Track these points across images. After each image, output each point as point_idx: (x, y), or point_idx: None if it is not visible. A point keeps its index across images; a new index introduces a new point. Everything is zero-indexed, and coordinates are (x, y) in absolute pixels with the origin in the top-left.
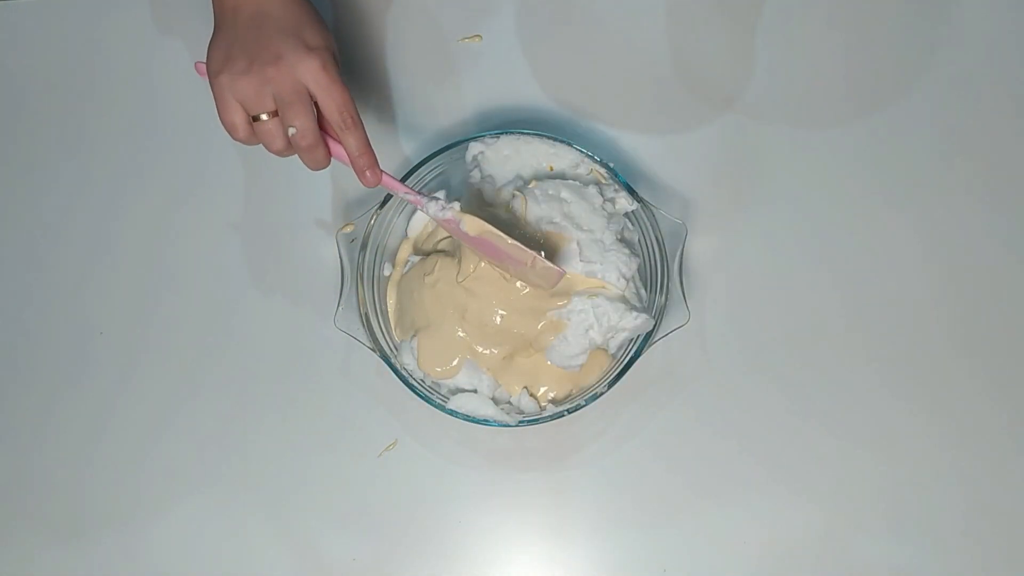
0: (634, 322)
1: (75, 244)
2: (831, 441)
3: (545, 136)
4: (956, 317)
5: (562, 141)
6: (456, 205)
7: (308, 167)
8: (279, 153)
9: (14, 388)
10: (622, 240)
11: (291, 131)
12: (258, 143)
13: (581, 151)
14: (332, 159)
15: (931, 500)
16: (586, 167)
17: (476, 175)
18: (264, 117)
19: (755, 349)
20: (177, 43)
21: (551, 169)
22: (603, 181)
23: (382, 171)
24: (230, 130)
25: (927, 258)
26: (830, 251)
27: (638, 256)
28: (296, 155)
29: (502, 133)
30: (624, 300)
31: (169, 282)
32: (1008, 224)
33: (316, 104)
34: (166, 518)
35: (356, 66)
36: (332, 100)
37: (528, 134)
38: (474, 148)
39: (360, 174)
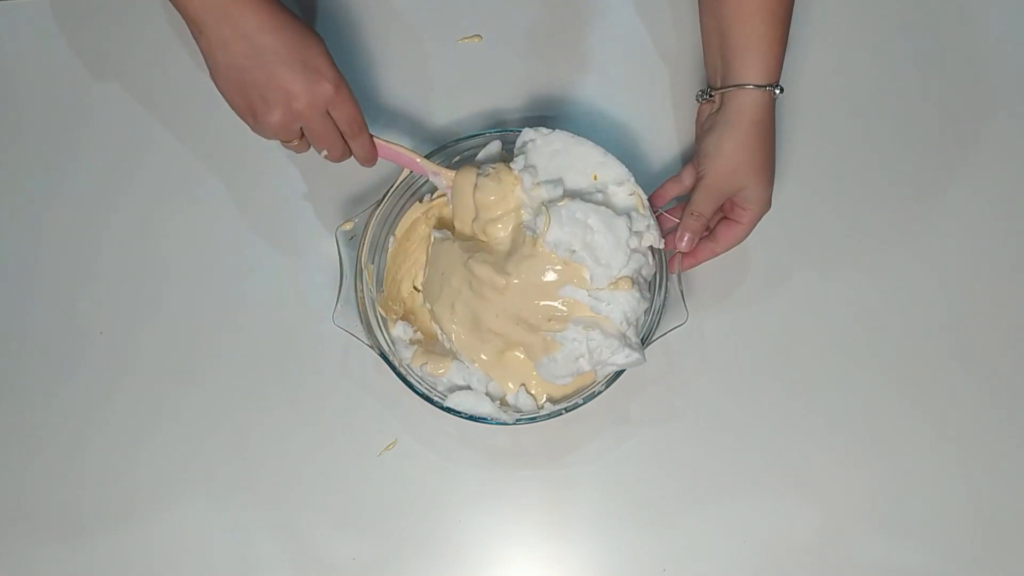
0: (626, 360)
1: (73, 243)
2: (831, 441)
3: (599, 145)
4: (958, 318)
5: (614, 155)
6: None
7: (330, 161)
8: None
9: (13, 388)
10: (637, 281)
11: (323, 153)
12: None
13: (629, 173)
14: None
15: (931, 500)
16: (629, 188)
17: (520, 161)
18: (295, 142)
19: (754, 349)
20: (177, 43)
21: (595, 178)
22: (640, 210)
23: (388, 142)
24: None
25: (928, 259)
26: (830, 251)
27: (648, 300)
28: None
29: (558, 128)
30: (621, 337)
31: (167, 281)
32: (1014, 228)
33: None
34: (165, 517)
35: (356, 67)
36: (343, 115)
37: (583, 137)
38: (527, 134)
39: (362, 163)
